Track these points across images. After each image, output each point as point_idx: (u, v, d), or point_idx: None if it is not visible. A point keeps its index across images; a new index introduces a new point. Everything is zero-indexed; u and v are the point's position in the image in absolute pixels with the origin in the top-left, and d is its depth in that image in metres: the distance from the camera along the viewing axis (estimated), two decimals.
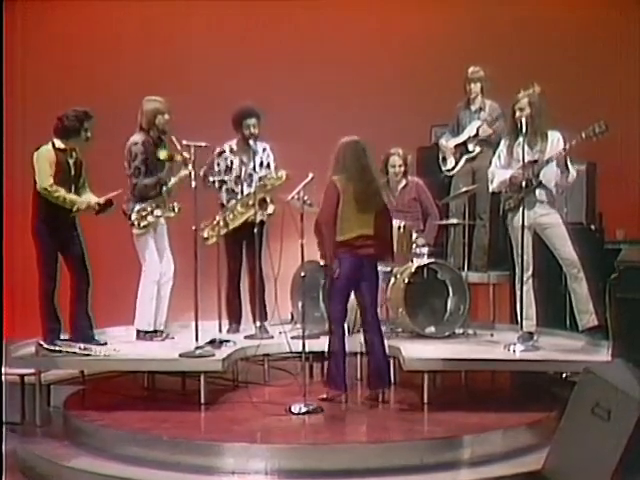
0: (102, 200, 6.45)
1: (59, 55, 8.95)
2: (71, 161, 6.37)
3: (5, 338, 5.84)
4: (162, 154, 6.41)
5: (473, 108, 7.90)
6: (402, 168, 7.36)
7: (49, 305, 6.32)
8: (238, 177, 7.07)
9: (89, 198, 6.43)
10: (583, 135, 6.02)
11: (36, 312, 6.33)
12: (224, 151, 7.11)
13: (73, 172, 6.38)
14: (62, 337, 6.30)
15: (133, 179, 6.62)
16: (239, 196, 7.03)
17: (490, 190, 6.68)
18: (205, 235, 6.69)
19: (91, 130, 6.40)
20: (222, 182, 7.09)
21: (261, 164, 7.08)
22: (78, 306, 6.39)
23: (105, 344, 6.30)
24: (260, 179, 6.97)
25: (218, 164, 7.11)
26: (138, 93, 6.85)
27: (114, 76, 8.73)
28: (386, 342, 6.01)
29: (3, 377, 5.69)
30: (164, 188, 6.65)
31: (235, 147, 7.10)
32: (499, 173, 6.44)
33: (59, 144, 6.32)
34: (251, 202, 6.87)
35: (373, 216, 5.81)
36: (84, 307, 6.42)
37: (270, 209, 6.91)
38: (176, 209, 6.65)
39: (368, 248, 5.79)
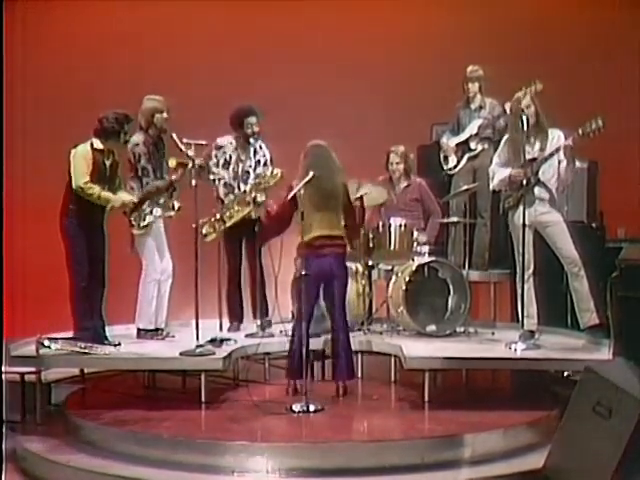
0: (137, 199, 6.46)
1: (59, 55, 8.93)
2: (107, 162, 6.36)
3: (5, 337, 5.81)
4: (172, 162, 6.39)
5: (473, 107, 7.89)
6: (400, 165, 7.33)
7: (82, 304, 6.29)
8: (235, 173, 7.07)
9: (124, 196, 6.42)
10: (580, 132, 5.99)
11: (36, 312, 6.30)
12: (223, 145, 7.10)
13: (108, 174, 6.37)
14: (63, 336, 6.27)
15: (144, 179, 6.63)
16: (236, 191, 7.03)
17: (490, 188, 6.67)
18: (204, 232, 6.67)
19: (129, 133, 6.43)
20: (220, 177, 7.08)
21: (258, 162, 7.08)
22: (94, 307, 6.37)
23: (119, 344, 6.27)
24: (258, 177, 6.97)
25: (216, 156, 7.09)
26: (139, 93, 6.85)
27: (115, 76, 8.70)
28: (352, 339, 6.14)
29: (3, 376, 5.64)
30: (175, 190, 6.66)
31: (234, 143, 7.10)
32: (499, 171, 6.42)
33: (97, 144, 6.31)
34: (248, 199, 6.88)
35: (333, 216, 5.89)
36: (99, 308, 6.41)
37: (262, 208, 6.88)
38: (176, 207, 6.63)
39: (328, 248, 5.88)
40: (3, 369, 5.57)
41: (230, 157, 7.09)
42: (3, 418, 5.21)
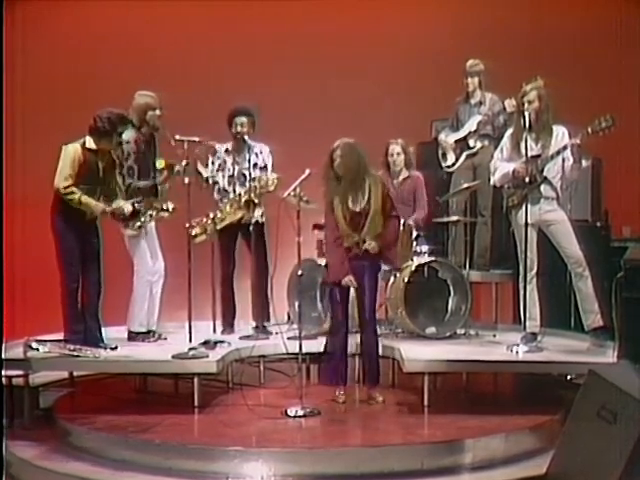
0: (127, 209, 6.26)
1: (59, 55, 8.89)
2: (101, 163, 6.18)
3: (5, 340, 5.74)
4: (159, 163, 6.25)
5: (472, 102, 7.79)
6: (401, 156, 7.22)
7: (73, 305, 6.19)
8: (231, 176, 7.03)
9: (119, 204, 6.23)
10: (589, 130, 5.93)
11: (35, 313, 6.19)
12: (218, 150, 7.06)
13: (102, 175, 6.20)
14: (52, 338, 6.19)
15: (127, 179, 6.52)
16: (231, 195, 6.98)
17: (491, 183, 6.59)
18: (193, 233, 6.56)
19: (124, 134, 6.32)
20: (215, 181, 7.05)
21: (255, 165, 6.97)
22: (88, 308, 6.27)
23: (115, 348, 6.20)
24: (253, 179, 6.88)
25: (212, 162, 7.07)
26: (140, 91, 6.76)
27: (115, 75, 8.64)
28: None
29: (3, 379, 5.63)
30: (159, 191, 6.57)
31: (230, 147, 7.07)
32: (501, 166, 6.35)
33: (90, 144, 6.14)
34: (242, 202, 6.82)
35: None
36: (94, 310, 6.30)
37: (258, 212, 6.83)
38: (169, 209, 6.51)
39: None
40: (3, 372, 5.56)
41: (225, 161, 7.06)
42: (3, 421, 5.18)
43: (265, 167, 7.03)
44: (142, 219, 6.46)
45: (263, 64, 8.77)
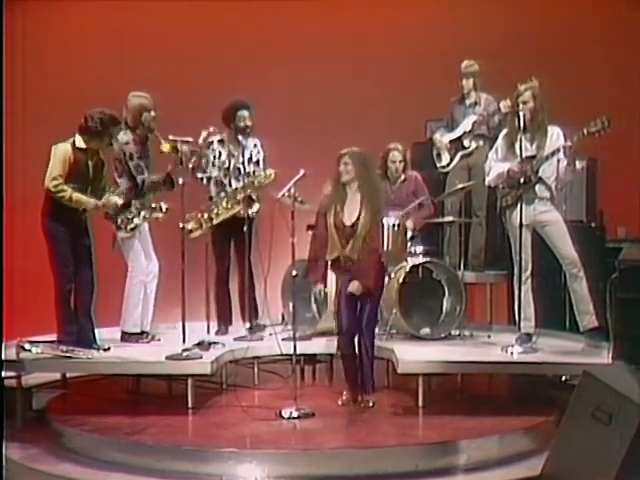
0: (122, 200, 6.29)
1: (59, 54, 8.88)
2: (91, 162, 6.18)
3: (5, 340, 5.76)
4: (165, 147, 6.21)
5: (467, 102, 7.79)
6: (402, 163, 7.25)
7: (66, 307, 6.18)
8: (227, 169, 7.00)
9: (109, 198, 6.21)
10: (585, 131, 5.91)
11: (35, 314, 6.32)
12: (212, 142, 7.01)
13: (92, 174, 6.19)
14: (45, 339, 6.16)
15: (138, 177, 6.50)
16: (227, 188, 6.95)
17: (486, 183, 6.56)
18: (189, 227, 6.54)
19: (115, 135, 6.29)
20: (209, 176, 7.01)
21: (250, 159, 6.99)
22: (81, 309, 6.26)
23: (108, 349, 6.18)
24: (249, 175, 6.89)
25: (206, 155, 6.99)
26: (139, 91, 6.73)
27: (114, 75, 8.62)
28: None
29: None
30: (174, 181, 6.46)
31: (225, 138, 7.02)
32: (496, 167, 6.33)
33: (80, 143, 6.14)
34: (239, 197, 6.80)
35: None
36: (87, 310, 6.29)
37: (255, 207, 6.83)
38: (163, 209, 6.49)
39: None
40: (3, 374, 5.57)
41: (220, 153, 7.01)
42: (4, 421, 5.17)
43: (258, 161, 7.02)
44: (135, 221, 6.45)
45: (262, 64, 8.75)
